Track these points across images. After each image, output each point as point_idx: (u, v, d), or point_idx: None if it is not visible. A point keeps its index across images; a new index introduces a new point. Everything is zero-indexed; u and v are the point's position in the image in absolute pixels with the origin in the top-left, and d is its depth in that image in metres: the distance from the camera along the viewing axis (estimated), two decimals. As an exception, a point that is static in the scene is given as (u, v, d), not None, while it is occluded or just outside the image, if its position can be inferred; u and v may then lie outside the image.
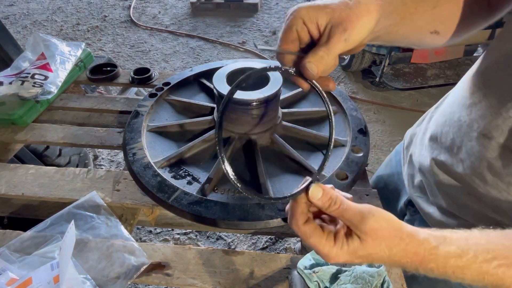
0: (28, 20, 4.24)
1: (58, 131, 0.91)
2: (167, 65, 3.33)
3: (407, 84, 2.66)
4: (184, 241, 1.77)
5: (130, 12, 4.30)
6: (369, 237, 0.37)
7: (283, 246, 1.75)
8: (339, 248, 0.38)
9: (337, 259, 0.38)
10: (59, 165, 1.53)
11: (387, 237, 0.37)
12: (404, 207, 0.79)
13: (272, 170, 0.71)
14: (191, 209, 0.61)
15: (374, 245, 0.37)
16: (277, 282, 0.59)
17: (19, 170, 0.80)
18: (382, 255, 0.38)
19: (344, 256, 0.38)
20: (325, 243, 0.38)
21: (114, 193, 0.74)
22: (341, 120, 0.84)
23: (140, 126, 0.79)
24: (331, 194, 0.38)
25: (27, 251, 0.63)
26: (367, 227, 0.37)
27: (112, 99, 1.05)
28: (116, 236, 0.66)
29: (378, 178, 0.97)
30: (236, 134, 0.75)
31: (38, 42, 1.05)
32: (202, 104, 0.87)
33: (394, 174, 0.87)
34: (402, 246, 0.37)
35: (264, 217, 0.59)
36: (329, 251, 0.38)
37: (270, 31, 3.84)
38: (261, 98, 0.68)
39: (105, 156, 2.27)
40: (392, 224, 0.38)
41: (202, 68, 1.00)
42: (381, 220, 0.38)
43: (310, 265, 0.57)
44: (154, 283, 0.61)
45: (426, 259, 0.37)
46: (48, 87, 0.96)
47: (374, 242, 0.37)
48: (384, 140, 2.36)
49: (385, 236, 0.37)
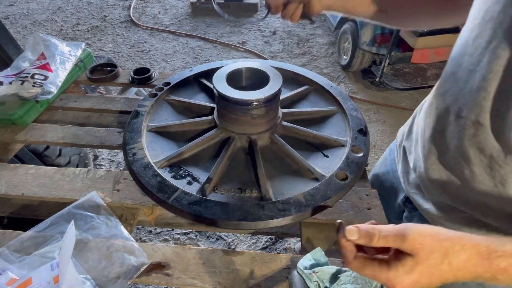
0: (28, 20, 4.24)
1: (58, 131, 0.91)
2: (167, 65, 3.33)
3: (407, 84, 2.66)
4: (184, 241, 1.77)
5: (130, 12, 4.30)
6: (419, 250, 0.38)
7: (283, 246, 1.75)
8: (395, 271, 0.38)
9: (401, 283, 0.38)
10: (59, 165, 1.53)
11: (435, 244, 0.38)
12: (402, 204, 0.80)
13: (272, 170, 0.71)
14: (191, 209, 0.61)
15: (427, 255, 0.38)
16: (277, 282, 0.59)
17: (19, 170, 0.80)
18: (441, 265, 0.38)
19: (404, 277, 0.38)
20: (380, 270, 0.39)
21: (114, 193, 0.74)
22: (341, 120, 0.84)
23: (140, 126, 0.79)
24: (365, 229, 0.40)
25: (27, 251, 0.63)
26: (411, 241, 0.38)
27: (112, 99, 1.05)
28: (116, 236, 0.66)
29: (374, 177, 0.98)
30: (236, 134, 0.75)
31: (38, 42, 1.05)
32: (202, 104, 0.87)
33: (389, 172, 0.88)
34: (457, 248, 0.38)
35: (264, 217, 0.59)
36: (387, 277, 0.39)
37: (270, 31, 3.83)
38: (261, 98, 0.68)
39: (105, 156, 2.27)
40: (431, 228, 0.39)
41: (202, 68, 1.00)
42: (420, 230, 0.39)
43: (310, 265, 0.57)
44: (154, 283, 0.61)
45: (492, 255, 0.37)
46: (48, 87, 0.96)
47: (425, 252, 0.38)
48: (384, 140, 2.36)
49: (433, 244, 0.38)
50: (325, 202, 0.62)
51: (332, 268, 0.56)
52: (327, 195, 0.63)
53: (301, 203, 0.61)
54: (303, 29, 3.87)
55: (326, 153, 0.75)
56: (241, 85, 0.80)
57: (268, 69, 0.76)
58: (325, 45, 3.53)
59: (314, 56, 3.36)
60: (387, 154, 0.93)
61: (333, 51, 3.39)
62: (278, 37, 3.73)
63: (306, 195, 0.63)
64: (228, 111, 0.72)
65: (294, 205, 0.61)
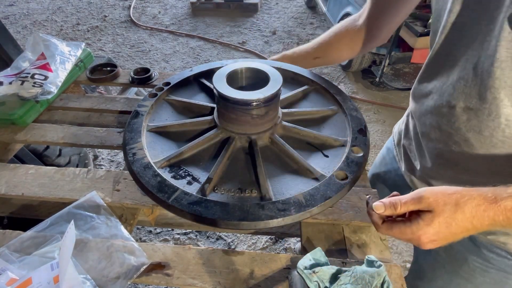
0: (28, 20, 4.24)
1: (58, 131, 0.91)
2: (167, 65, 3.33)
3: (407, 84, 2.66)
4: (184, 241, 1.77)
5: (130, 12, 4.30)
6: (433, 205, 0.45)
7: (283, 246, 1.75)
8: (417, 224, 0.45)
9: (424, 234, 0.45)
10: (59, 165, 1.53)
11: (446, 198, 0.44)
12: None
13: (272, 170, 0.71)
14: (191, 209, 0.60)
15: (442, 208, 0.44)
16: (277, 282, 0.59)
17: (19, 170, 0.80)
18: (455, 215, 0.44)
19: (426, 229, 0.45)
20: (405, 227, 0.47)
21: (114, 193, 0.74)
22: (341, 120, 0.84)
23: (140, 126, 0.79)
24: (389, 201, 0.49)
25: (27, 251, 0.63)
26: (426, 200, 0.45)
27: (112, 99, 1.05)
28: (116, 236, 0.66)
29: (374, 176, 0.98)
30: (236, 134, 0.75)
31: (38, 42, 1.05)
32: (202, 104, 0.87)
33: (390, 171, 0.89)
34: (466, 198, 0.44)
35: (264, 217, 0.59)
36: (411, 231, 0.46)
37: (270, 31, 3.83)
38: (261, 98, 0.68)
39: (105, 156, 2.27)
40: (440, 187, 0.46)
41: (202, 68, 1.00)
42: (431, 189, 0.47)
43: (310, 265, 0.57)
44: (154, 283, 0.61)
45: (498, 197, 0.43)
46: (48, 87, 0.96)
47: (439, 206, 0.44)
48: (384, 140, 2.36)
49: (444, 198, 0.45)
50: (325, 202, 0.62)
51: (332, 268, 0.56)
52: (327, 195, 0.63)
53: (301, 203, 0.61)
54: (303, 29, 3.87)
55: (326, 153, 0.75)
56: (241, 85, 0.80)
57: (268, 69, 0.76)
58: (325, 45, 3.53)
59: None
60: (385, 153, 0.94)
61: (333, 51, 3.39)
62: (278, 37, 3.73)
63: (306, 195, 0.63)
64: (228, 111, 0.72)
65: (294, 205, 0.61)
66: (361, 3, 2.64)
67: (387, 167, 0.90)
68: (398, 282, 0.58)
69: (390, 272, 0.59)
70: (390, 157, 0.88)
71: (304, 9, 4.37)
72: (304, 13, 4.26)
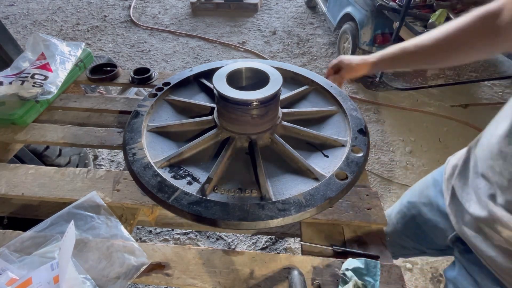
0: (28, 20, 4.24)
1: (58, 131, 0.91)
2: (167, 65, 3.33)
3: (407, 84, 2.66)
4: (184, 241, 1.77)
5: (130, 12, 4.30)
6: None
7: (283, 246, 1.75)
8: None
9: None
10: (59, 165, 1.53)
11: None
12: (451, 243, 0.73)
13: (272, 170, 0.71)
14: (191, 209, 0.60)
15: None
16: (277, 282, 0.59)
17: (19, 170, 0.80)
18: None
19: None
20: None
21: (114, 193, 0.74)
22: (341, 120, 0.84)
23: (140, 126, 0.79)
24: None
25: (27, 251, 0.63)
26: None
27: (112, 99, 1.05)
28: (116, 236, 0.66)
29: (410, 204, 0.89)
30: (236, 134, 0.75)
31: (38, 42, 1.05)
32: (202, 104, 0.87)
33: (432, 204, 0.80)
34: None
35: (264, 217, 0.59)
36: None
37: (270, 31, 3.83)
38: (261, 98, 0.67)
39: (105, 156, 2.27)
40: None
41: (202, 68, 1.00)
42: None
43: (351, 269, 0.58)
44: (154, 283, 0.61)
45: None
46: (48, 87, 0.96)
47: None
48: (384, 140, 2.36)
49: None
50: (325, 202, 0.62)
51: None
52: (327, 195, 0.63)
53: (301, 203, 0.61)
54: (303, 29, 3.87)
55: (326, 153, 0.75)
56: (241, 85, 0.80)
57: (268, 69, 0.76)
58: (325, 45, 3.53)
59: (314, 56, 3.36)
60: (431, 184, 0.83)
61: (333, 51, 3.39)
62: (278, 37, 3.73)
63: (306, 195, 0.63)
64: (228, 111, 0.72)
65: (294, 205, 0.61)
66: (361, 3, 2.63)
67: (429, 199, 0.82)
68: (399, 282, 0.58)
69: (391, 273, 0.59)
70: (436, 191, 0.79)
71: (304, 9, 4.37)
72: (304, 13, 4.26)
